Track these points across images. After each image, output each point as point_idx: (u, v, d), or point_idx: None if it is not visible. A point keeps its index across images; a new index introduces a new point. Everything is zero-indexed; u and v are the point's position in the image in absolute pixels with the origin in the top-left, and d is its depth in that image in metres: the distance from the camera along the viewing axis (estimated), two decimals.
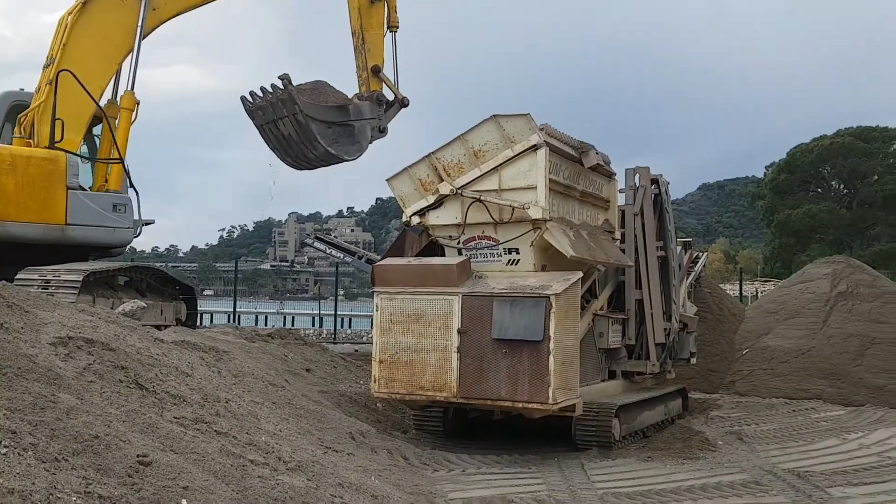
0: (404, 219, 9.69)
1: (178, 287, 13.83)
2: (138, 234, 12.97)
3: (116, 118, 12.81)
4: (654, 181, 11.64)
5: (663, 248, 11.63)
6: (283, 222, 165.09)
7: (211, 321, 30.01)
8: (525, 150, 8.89)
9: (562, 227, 9.19)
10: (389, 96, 13.41)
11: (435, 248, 9.64)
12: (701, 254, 16.85)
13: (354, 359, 14.36)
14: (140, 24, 12.48)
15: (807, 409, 12.55)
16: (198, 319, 16.59)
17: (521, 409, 8.48)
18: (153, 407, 4.84)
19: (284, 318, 34.38)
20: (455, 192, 9.15)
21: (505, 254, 9.16)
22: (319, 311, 33.30)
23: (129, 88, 12.74)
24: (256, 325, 30.08)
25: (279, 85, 11.97)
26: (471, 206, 9.14)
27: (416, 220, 9.51)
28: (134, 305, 9.46)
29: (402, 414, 10.58)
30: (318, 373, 11.86)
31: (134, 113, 12.85)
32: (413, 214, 9.51)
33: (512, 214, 8.95)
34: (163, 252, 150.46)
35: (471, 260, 9.15)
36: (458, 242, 9.36)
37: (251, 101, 12.46)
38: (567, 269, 8.96)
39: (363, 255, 18.86)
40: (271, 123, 12.27)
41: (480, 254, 9.25)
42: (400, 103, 13.46)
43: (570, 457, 8.67)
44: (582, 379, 9.00)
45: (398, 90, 13.42)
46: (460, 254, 9.30)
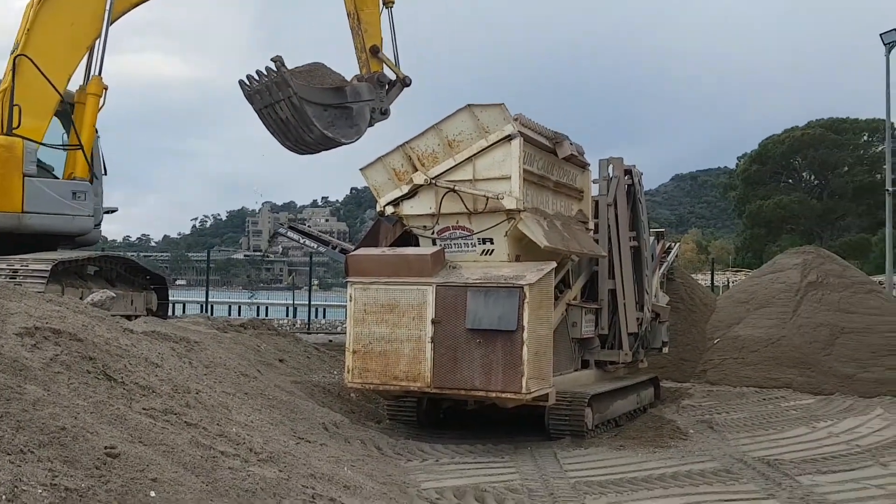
0: (378, 208, 9.64)
1: (148, 277, 13.70)
2: (99, 223, 12.75)
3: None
4: (628, 172, 11.68)
5: (636, 238, 11.68)
6: (257, 212, 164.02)
7: (183, 311, 29.77)
8: (499, 141, 8.87)
9: (536, 217, 9.20)
10: (391, 77, 13.12)
11: (409, 238, 9.61)
12: (673, 244, 16.96)
13: (328, 349, 14.32)
14: (108, 9, 12.27)
15: (777, 397, 12.70)
16: (169, 309, 16.45)
17: (495, 399, 8.49)
18: (121, 398, 4.77)
19: (258, 308, 34.23)
20: (429, 181, 9.12)
21: (479, 244, 9.15)
22: (293, 301, 33.18)
23: (97, 73, 12.55)
24: (229, 315, 29.92)
25: (273, 68, 11.76)
26: (445, 196, 9.11)
27: (390, 209, 9.47)
28: (103, 295, 9.34)
29: (376, 404, 10.56)
30: (291, 363, 11.81)
31: (102, 98, 12.66)
32: (387, 204, 9.47)
33: (486, 205, 8.94)
34: (134, 242, 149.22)
35: (445, 250, 9.13)
36: (433, 232, 9.33)
37: (248, 84, 12.23)
38: (541, 259, 8.97)
39: (337, 245, 18.74)
40: (269, 107, 12.05)
41: (454, 244, 9.23)
42: (402, 82, 13.20)
43: (543, 446, 8.70)
44: (555, 368, 9.03)
45: (399, 69, 13.14)
46: (434, 244, 9.27)
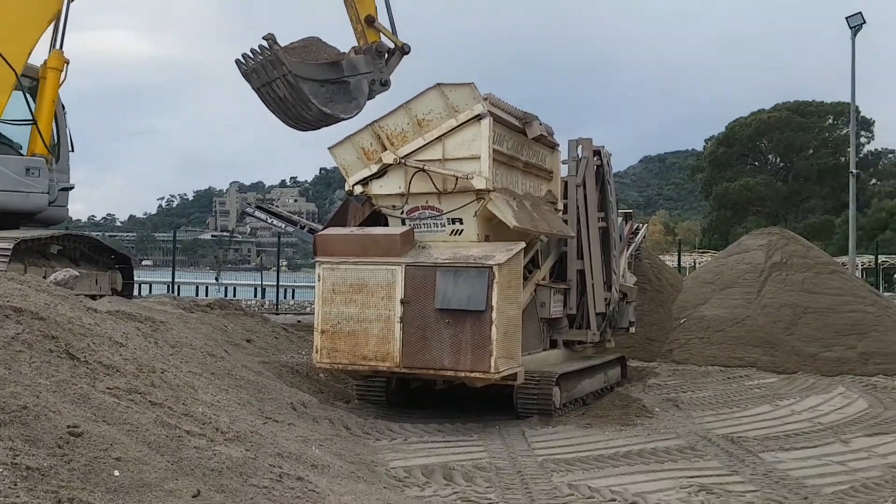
0: (347, 188, 9.57)
1: (113, 256, 13.52)
2: (54, 200, 12.49)
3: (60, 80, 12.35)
4: (597, 153, 11.72)
5: (605, 219, 11.74)
6: (225, 192, 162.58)
7: (150, 291, 29.48)
8: (469, 120, 8.84)
9: (505, 197, 9.20)
10: (390, 46, 12.79)
11: (378, 218, 9.56)
12: (641, 225, 17.09)
13: (297, 329, 14.26)
14: None
15: (741, 376, 12.89)
16: (135, 290, 16.27)
17: (464, 379, 8.51)
18: (85, 377, 4.71)
19: (225, 288, 33.94)
20: (398, 161, 9.07)
21: (448, 224, 9.14)
22: (262, 281, 32.97)
23: (58, 48, 12.27)
24: (197, 295, 29.64)
25: (265, 45, 11.51)
26: (414, 176, 9.07)
27: (359, 189, 9.40)
28: (66, 274, 9.18)
29: (345, 384, 10.54)
30: (259, 343, 11.74)
31: (63, 73, 12.39)
32: (356, 184, 9.40)
33: (456, 184, 8.92)
34: (99, 221, 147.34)
35: (414, 230, 9.10)
36: (402, 212, 9.30)
37: (244, 63, 11.95)
38: (510, 239, 8.98)
39: (305, 225, 18.69)
40: (266, 86, 11.75)
41: (424, 224, 9.20)
42: (400, 50, 12.83)
43: (511, 424, 8.75)
44: (524, 348, 9.07)
45: (396, 37, 12.80)
46: (404, 224, 9.24)
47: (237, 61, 11.96)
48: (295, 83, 11.42)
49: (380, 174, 9.27)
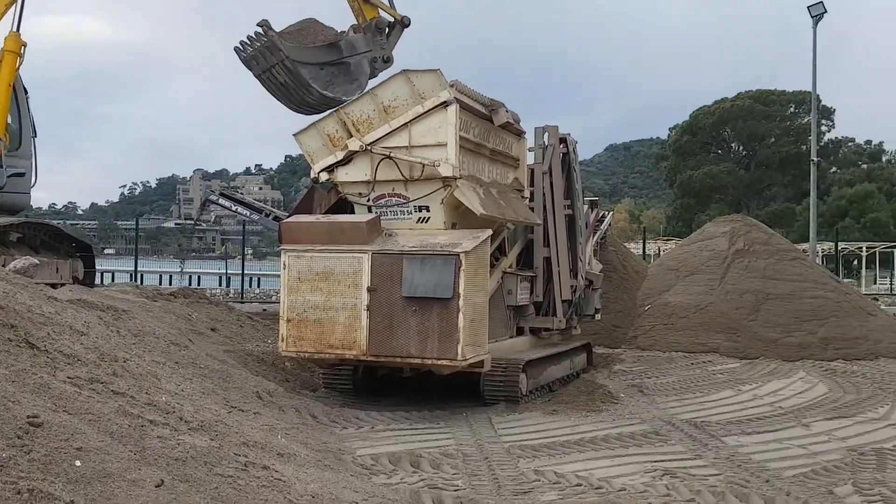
0: (312, 175, 9.49)
1: (74, 244, 13.33)
2: (3, 186, 12.23)
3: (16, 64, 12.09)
4: (563, 140, 11.75)
5: (571, 206, 11.78)
6: (188, 179, 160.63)
7: (112, 280, 29.07)
8: (435, 107, 8.80)
9: (472, 184, 9.19)
10: (390, 20, 12.47)
11: (344, 206, 9.51)
12: (607, 213, 17.18)
13: (262, 318, 14.16)
14: None
15: (704, 362, 13.04)
16: (97, 278, 16.03)
17: (431, 366, 8.52)
18: (45, 366, 4.62)
19: (190, 277, 33.59)
20: (364, 148, 9.02)
21: (415, 211, 9.11)
22: (226, 270, 32.67)
23: (14, 30, 12.01)
24: (160, 284, 29.31)
25: (261, 32, 11.27)
26: (381, 163, 9.02)
27: (324, 176, 9.33)
28: (26, 262, 9.01)
29: (311, 373, 10.50)
30: (224, 332, 11.64)
31: (20, 57, 12.13)
32: (322, 171, 9.33)
33: (422, 172, 8.89)
34: (60, 209, 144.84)
35: (381, 217, 9.06)
36: (368, 200, 9.25)
37: (243, 51, 11.68)
38: (477, 227, 8.98)
39: (270, 213, 18.54)
40: (267, 73, 11.51)
41: (390, 211, 9.17)
42: (400, 24, 12.51)
43: (478, 412, 8.78)
44: (491, 335, 9.09)
45: (395, 10, 12.48)
46: (370, 211, 9.20)
47: (236, 49, 11.69)
48: (293, 68, 11.18)
49: (346, 161, 9.21)
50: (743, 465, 6.64)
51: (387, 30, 12.33)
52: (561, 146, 11.66)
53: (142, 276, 28.97)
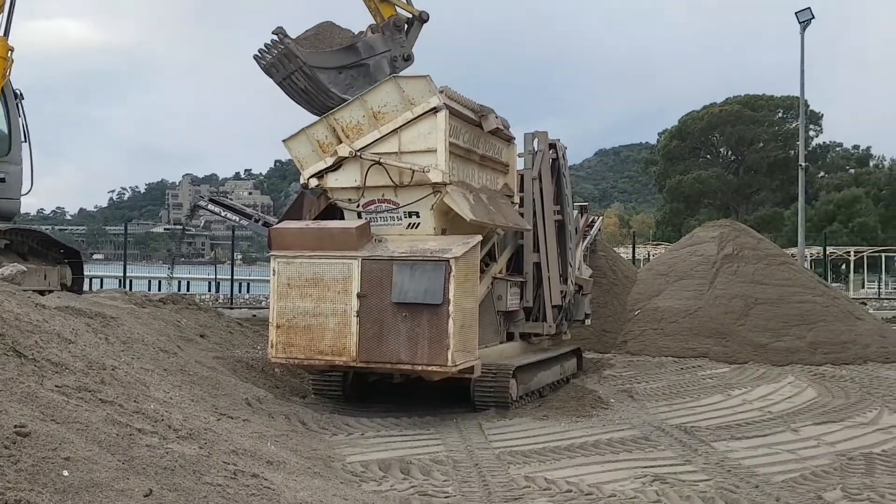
0: (302, 181, 9.48)
1: (62, 251, 13.24)
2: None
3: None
4: (552, 146, 11.77)
5: (560, 212, 11.81)
6: (177, 184, 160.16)
7: (101, 286, 28.92)
8: (425, 113, 8.80)
9: (462, 190, 9.19)
10: (408, 16, 12.18)
11: (334, 212, 9.49)
12: (596, 218, 17.24)
13: (252, 324, 14.11)
14: None
15: (694, 367, 13.08)
16: (86, 284, 15.96)
17: (421, 372, 8.51)
18: (32, 375, 4.59)
19: (179, 282, 33.43)
20: (354, 154, 9.01)
21: (405, 217, 9.11)
22: (216, 275, 32.56)
23: (2, 34, 11.94)
24: (149, 290, 29.17)
25: (277, 39, 11.17)
26: (370, 169, 9.02)
27: (314, 182, 9.31)
28: (13, 269, 8.96)
29: (301, 379, 10.47)
30: (213, 338, 11.59)
31: (9, 60, 12.07)
32: (311, 177, 9.31)
33: (412, 177, 8.88)
34: (48, 215, 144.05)
35: (370, 223, 9.05)
36: (358, 205, 9.24)
37: (262, 59, 11.56)
38: (467, 232, 8.98)
39: (260, 219, 18.48)
40: (287, 79, 11.40)
41: (380, 217, 9.16)
42: (419, 19, 12.23)
43: (468, 417, 8.77)
44: (481, 341, 9.09)
45: (412, 6, 12.24)
46: (360, 217, 9.18)
47: (255, 57, 11.52)
48: (311, 74, 11.02)
49: (335, 167, 9.20)
50: (733, 471, 6.66)
51: (405, 27, 12.08)
52: (550, 152, 11.68)
53: (131, 281, 28.84)
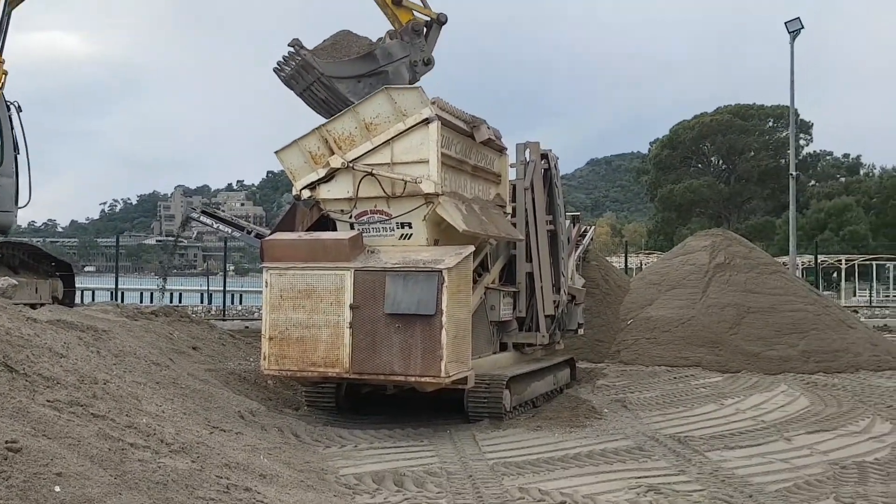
0: (294, 192, 9.48)
1: (54, 263, 13.21)
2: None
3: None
4: (544, 156, 11.79)
5: (553, 222, 11.82)
6: (170, 196, 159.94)
7: (93, 299, 28.85)
8: (417, 124, 8.81)
9: (454, 201, 9.20)
10: (426, 19, 12.15)
11: (326, 223, 9.49)
12: (589, 228, 17.26)
13: (244, 336, 14.08)
14: None
15: (687, 376, 13.09)
16: (77, 297, 15.90)
17: (414, 383, 8.49)
18: (24, 390, 4.57)
19: (171, 294, 33.34)
20: (346, 165, 9.01)
21: (397, 228, 9.11)
22: (208, 287, 32.48)
23: None
24: (141, 302, 29.10)
25: (293, 51, 11.05)
26: (363, 180, 9.02)
27: (306, 193, 9.31)
28: (4, 283, 8.93)
29: (294, 391, 10.44)
30: (206, 351, 11.56)
31: (1, 78, 12.07)
32: (303, 188, 9.31)
33: (404, 188, 8.89)
34: (40, 227, 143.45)
35: (363, 234, 9.05)
36: (350, 216, 9.24)
37: (282, 71, 11.49)
38: (459, 243, 8.98)
39: (252, 230, 18.45)
40: (307, 91, 11.32)
41: (373, 228, 9.16)
42: (437, 22, 12.15)
43: (462, 428, 8.75)
44: (474, 351, 9.08)
45: (429, 9, 12.15)
46: (352, 228, 9.18)
47: (275, 70, 11.44)
48: (330, 84, 10.96)
49: (328, 178, 9.20)
50: (726, 480, 6.65)
51: (424, 30, 12.00)
52: (542, 162, 11.70)
53: (122, 293, 28.74)
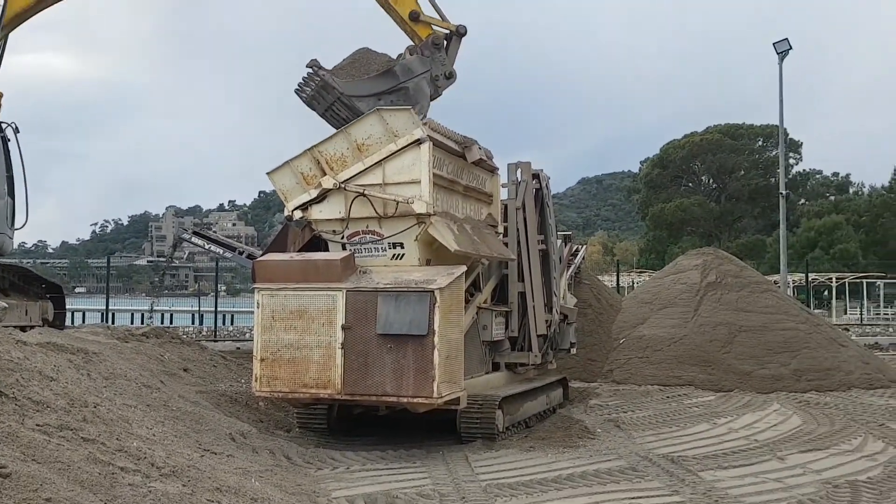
0: (286, 213, 9.48)
1: (44, 285, 13.16)
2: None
3: None
4: (536, 176, 11.84)
5: (544, 241, 11.84)
6: (161, 216, 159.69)
7: (83, 320, 28.69)
8: (409, 145, 8.85)
9: (446, 221, 9.22)
10: (445, 32, 12.00)
11: (318, 243, 9.49)
12: (580, 246, 17.29)
13: (236, 357, 14.01)
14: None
15: (679, 395, 13.08)
16: (68, 319, 15.83)
17: (407, 404, 8.45)
18: (13, 414, 4.53)
19: (162, 315, 33.21)
20: (338, 186, 9.03)
21: (389, 248, 9.11)
22: (199, 307, 32.37)
23: None
24: (132, 323, 28.96)
25: (312, 72, 10.89)
26: (354, 201, 9.03)
27: (298, 214, 9.31)
28: None
29: (286, 412, 10.38)
30: (197, 372, 11.50)
31: None
32: (295, 209, 9.31)
33: (396, 209, 8.90)
34: (30, 248, 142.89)
35: (355, 255, 9.04)
36: (342, 237, 9.24)
37: (303, 92, 11.46)
38: (451, 263, 8.99)
39: (244, 251, 18.44)
40: (329, 110, 11.29)
41: (365, 248, 9.16)
42: (456, 34, 12.03)
43: (454, 449, 8.71)
44: (466, 372, 9.06)
45: (448, 22, 12.03)
46: (344, 248, 9.18)
47: (296, 91, 11.39)
48: (350, 103, 10.94)
49: (319, 199, 9.21)
50: (720, 501, 6.64)
51: (444, 43, 11.90)
52: (534, 182, 11.75)
53: (113, 314, 28.62)
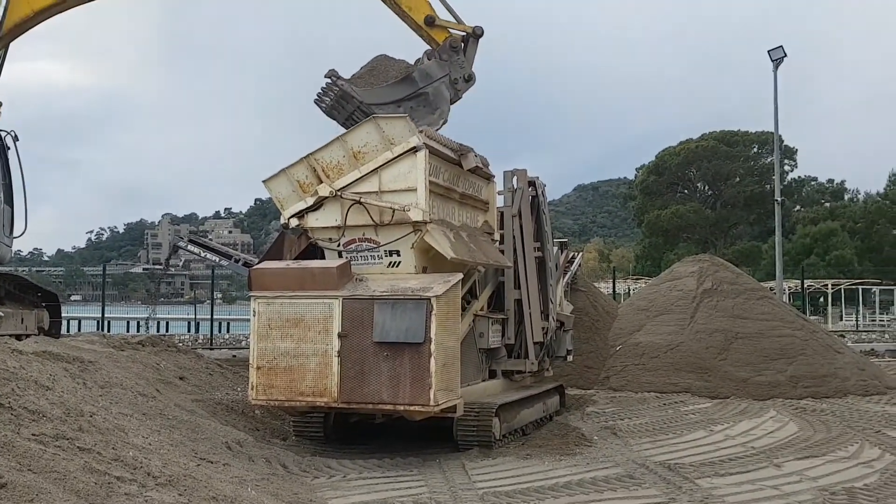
0: (282, 221, 9.47)
1: (40, 294, 13.13)
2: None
3: None
4: (532, 183, 11.86)
5: (541, 248, 11.85)
6: (157, 224, 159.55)
7: (79, 329, 28.65)
8: (405, 153, 8.86)
9: (442, 228, 9.22)
10: (462, 34, 11.85)
11: (315, 251, 9.49)
12: (576, 253, 17.32)
13: (231, 365, 14.00)
14: None
15: (676, 402, 13.07)
16: (63, 327, 15.79)
17: (403, 412, 8.45)
18: (9, 424, 4.52)
19: (158, 323, 33.16)
20: (335, 194, 9.03)
21: (386, 256, 9.11)
22: (195, 315, 32.34)
23: None
24: (128, 331, 28.92)
25: (330, 82, 10.89)
26: (351, 208, 9.03)
27: (294, 222, 9.31)
28: None
29: (282, 421, 10.36)
30: (193, 381, 11.48)
31: None
32: (292, 216, 9.31)
33: (392, 216, 8.91)
34: (26, 257, 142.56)
35: (351, 262, 9.04)
36: (339, 245, 9.24)
37: (323, 102, 11.43)
38: (448, 270, 8.99)
39: (240, 259, 18.44)
40: (349, 119, 11.26)
41: (361, 256, 9.15)
42: (473, 36, 11.91)
43: (451, 457, 8.70)
44: (463, 379, 9.05)
45: (463, 24, 11.93)
46: (340, 256, 9.18)
47: (315, 101, 11.39)
48: (369, 111, 10.92)
49: (316, 207, 9.20)
50: None
51: (462, 46, 11.81)
52: (530, 189, 11.76)
53: (109, 322, 28.58)
